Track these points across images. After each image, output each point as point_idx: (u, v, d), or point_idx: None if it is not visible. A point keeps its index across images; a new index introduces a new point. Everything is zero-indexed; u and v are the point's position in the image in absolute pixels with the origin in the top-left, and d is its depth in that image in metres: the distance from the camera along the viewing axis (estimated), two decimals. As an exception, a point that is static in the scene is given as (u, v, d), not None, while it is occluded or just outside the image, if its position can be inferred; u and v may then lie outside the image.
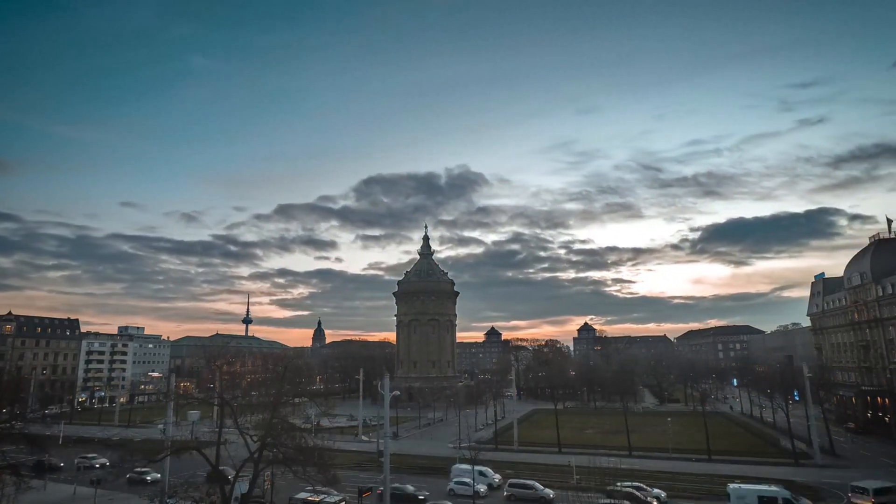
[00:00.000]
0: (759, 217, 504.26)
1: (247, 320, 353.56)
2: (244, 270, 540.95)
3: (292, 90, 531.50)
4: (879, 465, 77.34)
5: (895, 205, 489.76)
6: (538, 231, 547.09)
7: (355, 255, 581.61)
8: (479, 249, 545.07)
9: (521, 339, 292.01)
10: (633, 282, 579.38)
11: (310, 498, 52.74)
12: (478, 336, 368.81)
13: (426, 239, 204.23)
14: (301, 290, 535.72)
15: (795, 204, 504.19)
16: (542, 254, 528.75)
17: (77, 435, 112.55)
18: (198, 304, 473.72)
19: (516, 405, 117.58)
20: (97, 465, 70.62)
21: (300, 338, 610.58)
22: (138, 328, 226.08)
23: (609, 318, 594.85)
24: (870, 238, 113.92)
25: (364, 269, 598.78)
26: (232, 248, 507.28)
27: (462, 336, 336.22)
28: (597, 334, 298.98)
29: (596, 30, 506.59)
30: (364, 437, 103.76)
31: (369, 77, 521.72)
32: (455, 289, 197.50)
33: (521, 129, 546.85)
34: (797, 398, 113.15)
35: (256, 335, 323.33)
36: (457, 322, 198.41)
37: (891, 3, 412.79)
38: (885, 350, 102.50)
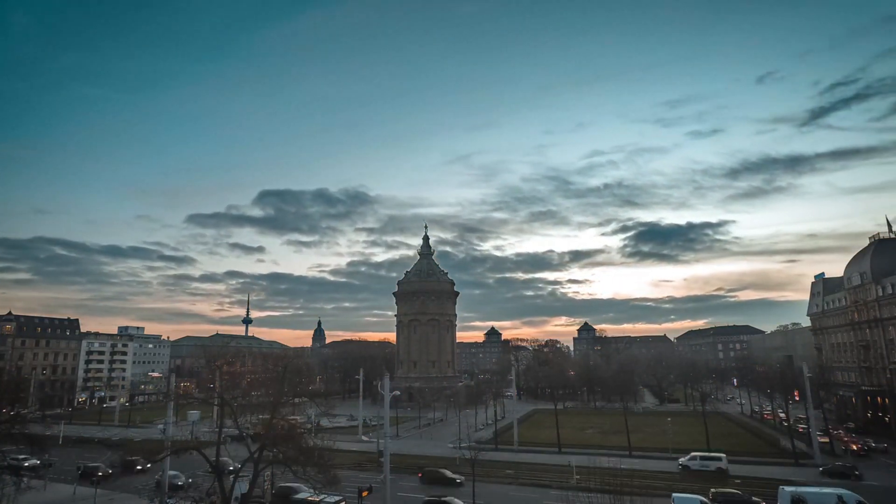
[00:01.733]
0: (685, 223, 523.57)
1: (247, 320, 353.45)
2: (193, 272, 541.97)
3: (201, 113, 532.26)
4: (879, 464, 77.40)
5: (802, 212, 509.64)
6: (472, 237, 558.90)
7: (290, 259, 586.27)
8: (410, 252, 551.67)
9: (521, 339, 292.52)
10: (591, 281, 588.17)
11: (310, 498, 52.71)
12: (478, 336, 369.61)
13: (426, 239, 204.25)
14: (257, 294, 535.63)
15: (710, 213, 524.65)
16: (479, 255, 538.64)
17: (77, 435, 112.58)
18: (165, 304, 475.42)
19: (516, 405, 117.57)
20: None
21: (290, 338, 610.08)
22: (138, 328, 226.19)
23: (586, 319, 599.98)
24: (870, 238, 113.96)
25: (308, 271, 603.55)
26: (166, 252, 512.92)
27: (462, 336, 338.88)
28: (597, 334, 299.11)
29: (484, 47, 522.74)
30: (364, 437, 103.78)
31: (273, 94, 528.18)
32: (455, 289, 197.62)
33: (420, 145, 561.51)
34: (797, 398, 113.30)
35: (256, 335, 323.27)
36: (457, 322, 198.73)
37: (751, 22, 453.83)
38: (885, 350, 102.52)
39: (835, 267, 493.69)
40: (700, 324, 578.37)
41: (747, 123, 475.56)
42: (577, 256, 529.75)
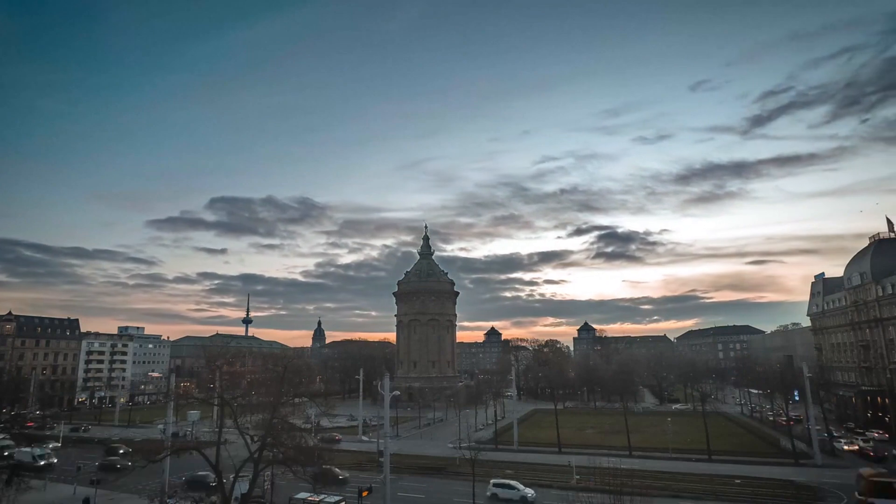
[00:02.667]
0: (643, 229, 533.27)
1: (247, 320, 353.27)
2: (165, 273, 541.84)
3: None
4: (880, 465, 77.33)
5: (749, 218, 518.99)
6: (435, 240, 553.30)
7: (255, 260, 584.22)
8: (377, 252, 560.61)
9: (521, 340, 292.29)
10: (567, 281, 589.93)
11: (310, 498, 52.71)
12: (478, 336, 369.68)
13: (426, 239, 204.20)
14: (234, 296, 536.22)
15: (669, 216, 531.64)
16: (447, 257, 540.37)
17: (77, 435, 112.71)
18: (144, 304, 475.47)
19: (516, 405, 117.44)
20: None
21: (289, 338, 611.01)
22: (138, 328, 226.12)
23: (568, 320, 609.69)
24: (870, 238, 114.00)
25: (277, 273, 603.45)
26: (132, 254, 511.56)
27: (462, 336, 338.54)
28: (597, 334, 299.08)
29: (427, 56, 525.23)
30: (364, 437, 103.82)
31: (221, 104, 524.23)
32: (455, 289, 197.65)
33: (372, 151, 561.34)
34: (797, 398, 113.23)
35: (255, 335, 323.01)
36: (457, 322, 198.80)
37: (677, 32, 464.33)
38: (885, 350, 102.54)
39: (802, 269, 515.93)
40: (688, 324, 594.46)
41: (689, 131, 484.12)
42: (547, 258, 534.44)
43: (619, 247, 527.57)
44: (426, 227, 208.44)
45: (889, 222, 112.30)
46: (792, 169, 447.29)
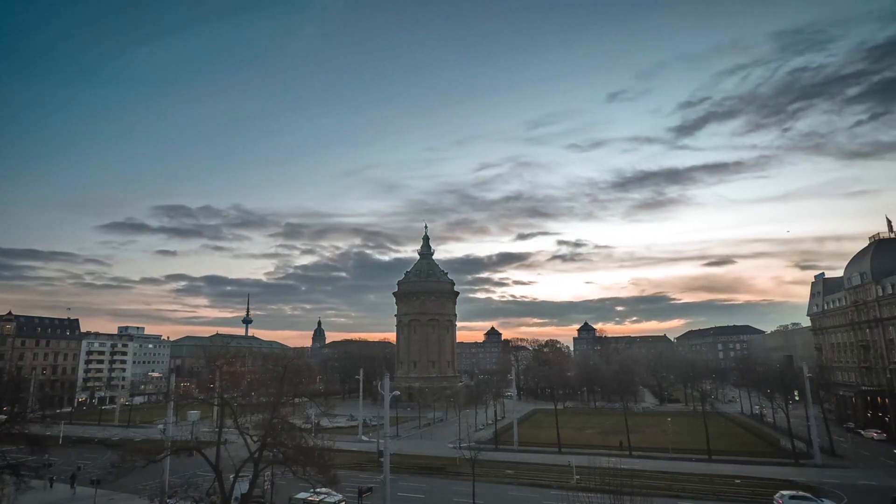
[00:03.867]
0: (594, 233, 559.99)
1: (246, 320, 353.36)
2: (130, 275, 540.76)
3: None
4: (879, 464, 77.42)
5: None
6: (387, 244, 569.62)
7: (204, 261, 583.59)
8: (329, 253, 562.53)
9: (521, 339, 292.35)
10: (535, 282, 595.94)
11: (310, 498, 52.74)
12: (478, 336, 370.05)
13: (426, 239, 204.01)
14: (202, 297, 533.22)
15: (616, 224, 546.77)
16: (408, 260, 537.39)
17: (77, 435, 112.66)
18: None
19: (516, 405, 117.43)
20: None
21: (288, 338, 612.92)
22: (138, 328, 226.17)
23: (550, 320, 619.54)
24: (870, 238, 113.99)
25: (241, 274, 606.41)
26: (88, 255, 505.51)
27: (462, 336, 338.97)
28: (597, 334, 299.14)
29: (359, 67, 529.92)
30: (364, 437, 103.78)
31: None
32: (455, 289, 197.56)
33: (315, 159, 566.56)
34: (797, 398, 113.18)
35: (253, 336, 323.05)
36: (457, 322, 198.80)
37: (592, 44, 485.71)
38: (885, 350, 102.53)
39: (769, 271, 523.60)
40: (675, 324, 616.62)
41: (619, 141, 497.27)
42: (506, 260, 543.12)
43: (573, 250, 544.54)
44: (426, 226, 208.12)
45: (889, 222, 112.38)
46: (723, 176, 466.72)
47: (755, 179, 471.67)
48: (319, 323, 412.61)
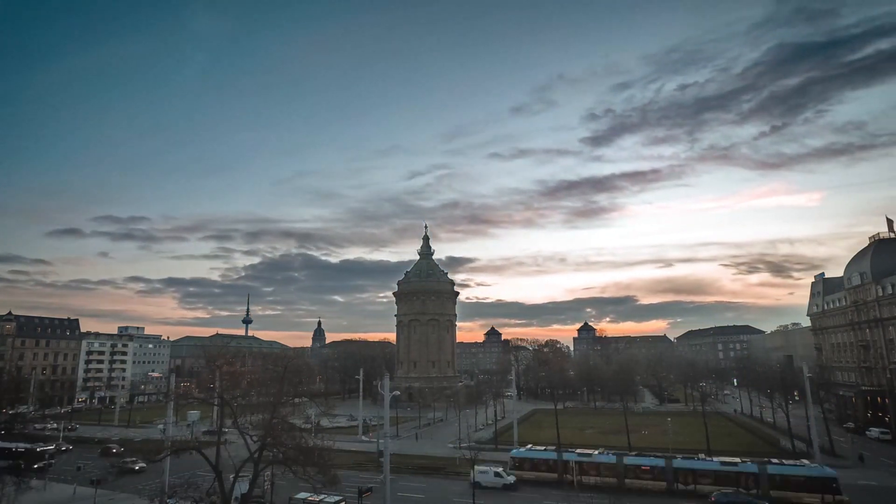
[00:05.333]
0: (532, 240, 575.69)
1: (247, 320, 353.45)
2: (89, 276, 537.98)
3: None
4: (879, 464, 77.41)
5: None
6: (332, 248, 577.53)
7: (156, 265, 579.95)
8: (270, 254, 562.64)
9: (522, 339, 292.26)
10: (497, 284, 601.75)
11: (310, 498, 52.71)
12: (478, 336, 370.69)
13: (426, 239, 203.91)
14: (169, 296, 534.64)
15: (558, 231, 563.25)
16: (365, 263, 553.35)
17: (77, 435, 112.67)
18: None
19: (516, 405, 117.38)
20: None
21: (288, 338, 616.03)
22: (138, 328, 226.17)
23: (529, 321, 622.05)
24: (870, 238, 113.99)
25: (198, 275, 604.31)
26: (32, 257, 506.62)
27: (462, 336, 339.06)
28: (597, 334, 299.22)
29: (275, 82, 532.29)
30: (364, 437, 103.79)
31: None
32: (456, 289, 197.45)
33: (245, 167, 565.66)
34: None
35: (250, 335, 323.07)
36: (457, 322, 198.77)
37: (492, 58, 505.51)
38: (885, 350, 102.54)
39: (728, 272, 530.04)
40: (654, 325, 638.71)
41: (539, 152, 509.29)
42: (456, 263, 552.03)
43: (529, 255, 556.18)
44: (426, 226, 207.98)
45: (889, 222, 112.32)
46: (645, 185, 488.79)
47: (676, 188, 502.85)
48: (319, 323, 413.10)
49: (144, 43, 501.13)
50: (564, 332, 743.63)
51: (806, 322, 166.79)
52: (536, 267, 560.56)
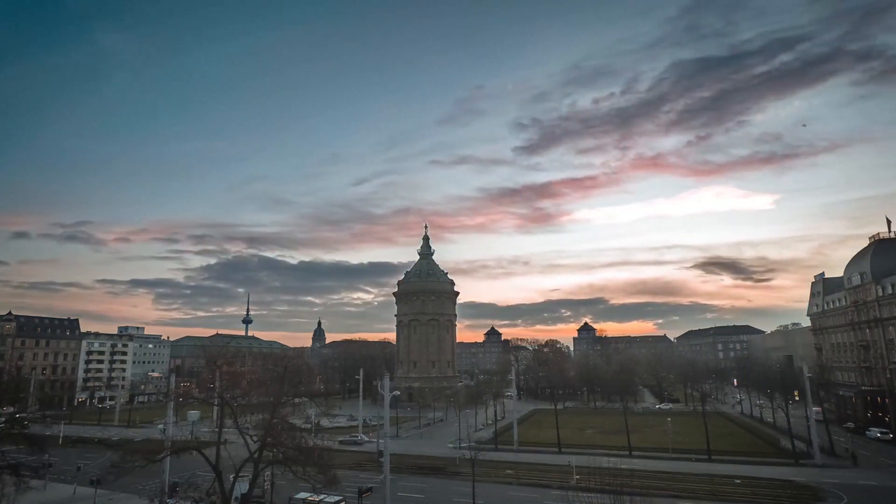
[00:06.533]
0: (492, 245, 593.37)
1: (247, 320, 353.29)
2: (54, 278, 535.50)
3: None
4: (879, 465, 77.41)
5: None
6: (292, 251, 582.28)
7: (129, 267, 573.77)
8: (228, 256, 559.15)
9: (521, 339, 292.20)
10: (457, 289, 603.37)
11: (310, 498, 52.73)
12: (478, 336, 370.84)
13: (426, 239, 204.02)
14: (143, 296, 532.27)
15: (513, 236, 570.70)
16: (325, 264, 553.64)
17: (77, 435, 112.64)
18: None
19: (516, 405, 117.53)
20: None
21: (287, 338, 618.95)
22: (138, 328, 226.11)
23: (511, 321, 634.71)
24: (870, 238, 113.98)
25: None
26: None
27: (462, 336, 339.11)
28: (597, 334, 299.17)
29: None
30: (364, 437, 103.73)
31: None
32: (457, 289, 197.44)
33: (196, 172, 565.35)
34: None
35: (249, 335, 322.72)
36: (456, 322, 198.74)
37: (419, 71, 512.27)
38: (885, 350, 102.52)
39: (694, 273, 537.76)
40: (637, 326, 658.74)
41: (476, 161, 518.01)
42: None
43: (491, 258, 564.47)
44: (426, 226, 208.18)
45: (889, 222, 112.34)
46: (586, 192, 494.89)
47: (618, 194, 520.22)
48: (319, 323, 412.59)
49: (87, 53, 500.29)
50: (548, 333, 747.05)
51: (806, 322, 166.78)
52: (502, 269, 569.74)
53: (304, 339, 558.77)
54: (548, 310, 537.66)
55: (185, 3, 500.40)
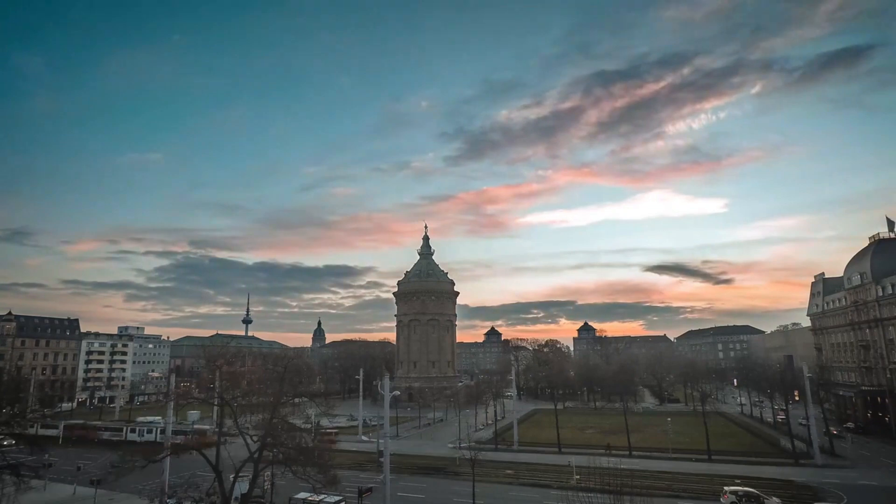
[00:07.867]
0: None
1: (247, 320, 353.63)
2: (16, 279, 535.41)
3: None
4: (880, 465, 77.40)
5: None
6: (251, 254, 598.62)
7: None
8: (193, 258, 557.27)
9: (521, 339, 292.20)
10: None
11: (310, 498, 52.70)
12: (478, 336, 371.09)
13: (426, 239, 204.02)
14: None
15: (468, 240, 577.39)
16: (283, 265, 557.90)
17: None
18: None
19: (516, 405, 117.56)
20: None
21: (287, 338, 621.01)
22: (138, 328, 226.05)
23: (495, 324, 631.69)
24: (870, 238, 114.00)
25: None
26: None
27: (462, 336, 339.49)
28: (597, 334, 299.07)
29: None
30: (364, 437, 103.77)
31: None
32: (455, 289, 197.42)
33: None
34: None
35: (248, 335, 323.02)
36: (456, 322, 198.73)
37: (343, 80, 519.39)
38: (885, 350, 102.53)
39: (663, 277, 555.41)
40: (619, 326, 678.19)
41: (414, 171, 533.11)
42: (370, 271, 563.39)
43: (439, 261, 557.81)
44: (426, 227, 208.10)
45: (889, 222, 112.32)
46: (532, 199, 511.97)
47: (558, 200, 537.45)
48: (319, 323, 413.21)
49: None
50: (549, 333, 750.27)
51: (806, 322, 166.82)
52: (466, 272, 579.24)
53: (304, 340, 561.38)
54: (519, 311, 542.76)
55: (90, 22, 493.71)
